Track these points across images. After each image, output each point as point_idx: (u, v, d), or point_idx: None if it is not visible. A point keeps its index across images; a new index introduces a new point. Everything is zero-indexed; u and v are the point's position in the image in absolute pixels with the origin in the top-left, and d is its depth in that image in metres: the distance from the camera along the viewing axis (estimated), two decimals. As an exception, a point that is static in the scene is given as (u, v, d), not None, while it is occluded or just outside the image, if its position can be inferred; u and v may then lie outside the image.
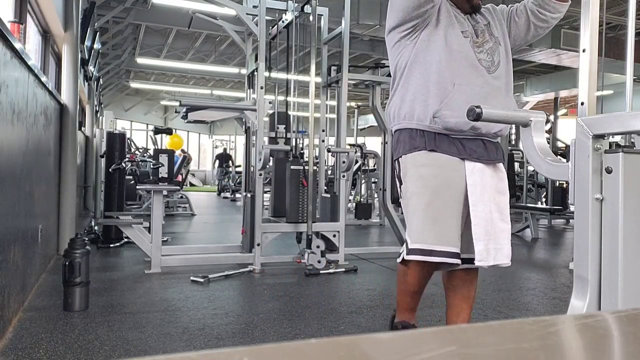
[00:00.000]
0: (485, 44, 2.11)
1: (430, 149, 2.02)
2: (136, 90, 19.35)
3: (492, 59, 2.11)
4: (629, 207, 1.16)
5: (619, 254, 1.17)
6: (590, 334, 0.44)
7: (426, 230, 1.97)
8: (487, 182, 2.00)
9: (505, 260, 1.97)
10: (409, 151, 2.06)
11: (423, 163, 2.03)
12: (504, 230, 1.99)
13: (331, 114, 6.01)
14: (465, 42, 2.07)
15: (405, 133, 2.09)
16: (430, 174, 2.01)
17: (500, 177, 2.06)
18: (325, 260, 4.19)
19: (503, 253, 1.97)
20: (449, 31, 2.06)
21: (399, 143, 2.11)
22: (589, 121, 1.23)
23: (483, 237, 1.93)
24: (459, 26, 2.09)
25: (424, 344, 0.39)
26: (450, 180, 2.00)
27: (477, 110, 1.52)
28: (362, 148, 8.20)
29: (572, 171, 1.27)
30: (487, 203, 1.97)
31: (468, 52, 2.05)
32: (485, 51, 2.10)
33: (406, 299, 2.17)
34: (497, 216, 1.98)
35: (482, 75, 2.06)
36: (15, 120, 2.62)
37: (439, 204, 1.98)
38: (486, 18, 2.20)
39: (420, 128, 2.04)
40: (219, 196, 14.53)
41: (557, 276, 4.24)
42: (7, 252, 2.47)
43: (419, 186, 2.02)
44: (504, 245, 1.97)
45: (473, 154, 2.02)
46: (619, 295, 1.17)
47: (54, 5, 4.34)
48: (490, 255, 1.94)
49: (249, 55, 5.15)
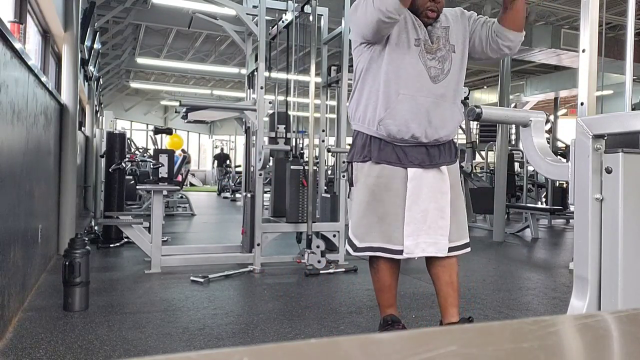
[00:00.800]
0: (438, 52, 2.22)
1: (376, 161, 2.25)
2: (136, 90, 19.36)
3: (443, 67, 2.23)
4: (629, 207, 1.16)
5: (619, 254, 1.17)
6: (590, 334, 0.44)
7: (373, 232, 2.26)
8: (426, 185, 2.22)
9: (439, 253, 2.22)
10: (360, 160, 2.30)
11: (369, 174, 2.27)
12: (442, 227, 2.23)
13: (331, 114, 6.01)
14: (414, 52, 2.19)
15: (359, 137, 2.32)
16: (375, 184, 2.25)
17: (442, 178, 2.26)
18: (325, 260, 4.19)
19: (438, 246, 2.22)
20: (401, 39, 2.18)
21: (354, 147, 2.35)
22: (589, 121, 1.23)
23: (411, 234, 2.20)
24: (413, 33, 2.19)
25: (424, 344, 0.39)
26: (393, 188, 2.23)
27: (477, 110, 1.53)
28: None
29: (572, 171, 1.27)
30: (424, 204, 2.21)
31: (416, 63, 2.18)
32: (437, 58, 2.22)
33: (384, 296, 2.40)
34: (437, 214, 2.22)
35: (426, 85, 2.19)
36: (15, 120, 2.62)
37: (383, 209, 2.24)
38: (448, 21, 2.28)
39: (369, 133, 2.27)
40: (219, 196, 14.53)
41: (557, 276, 4.24)
42: (7, 252, 2.47)
43: (366, 194, 2.27)
44: (439, 240, 2.23)
45: (414, 161, 2.23)
46: (619, 295, 1.17)
47: (54, 5, 4.35)
48: (418, 248, 2.21)
49: (249, 55, 5.15)
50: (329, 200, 4.68)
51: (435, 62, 2.21)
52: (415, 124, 2.17)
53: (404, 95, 2.17)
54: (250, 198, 4.40)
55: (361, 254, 2.32)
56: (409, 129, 2.18)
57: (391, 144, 2.24)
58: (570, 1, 8.89)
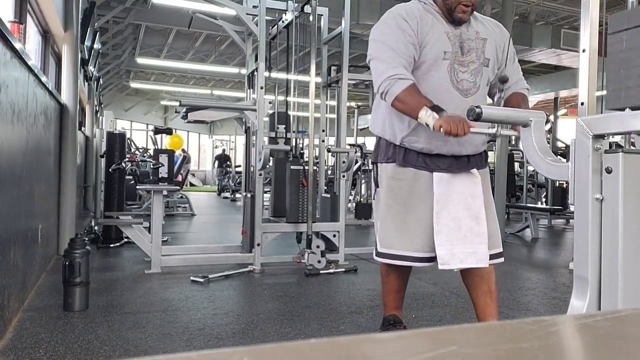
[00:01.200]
0: (471, 64, 2.09)
1: (399, 164, 2.15)
2: (136, 90, 19.35)
3: (475, 80, 2.10)
4: (629, 207, 1.16)
5: (619, 254, 1.17)
6: (590, 334, 0.44)
7: (393, 238, 2.16)
8: (456, 189, 2.07)
9: (479, 264, 2.03)
10: (384, 161, 2.21)
11: (393, 176, 2.17)
12: (479, 235, 2.04)
13: (331, 114, 6.01)
14: (443, 66, 2.06)
15: (383, 140, 2.23)
16: (399, 187, 2.15)
17: (473, 181, 2.11)
18: (325, 260, 4.19)
19: (477, 256, 2.03)
20: (428, 55, 2.05)
21: (379, 148, 2.26)
22: (589, 121, 1.23)
23: (445, 243, 2.03)
24: (442, 45, 2.06)
25: (424, 344, 0.39)
26: (417, 192, 2.12)
27: (476, 110, 1.52)
28: (362, 148, 8.21)
29: (572, 171, 1.27)
30: (455, 210, 2.04)
31: (443, 78, 2.06)
32: (469, 71, 2.09)
33: (391, 298, 2.37)
34: (471, 220, 2.05)
35: (455, 100, 2.06)
36: (15, 120, 2.62)
37: (405, 214, 2.14)
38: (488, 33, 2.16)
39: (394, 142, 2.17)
40: (219, 196, 14.53)
41: (557, 276, 4.24)
42: (7, 252, 2.47)
43: (389, 197, 2.18)
44: (478, 249, 2.03)
45: (441, 165, 2.11)
46: (619, 295, 1.17)
47: (54, 5, 4.34)
48: (455, 259, 2.02)
49: (249, 55, 5.15)
50: (329, 200, 4.68)
51: (468, 74, 2.08)
52: (440, 141, 2.06)
53: None
54: (250, 198, 4.40)
55: (380, 259, 2.23)
56: (434, 147, 2.09)
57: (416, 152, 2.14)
58: (570, 1, 8.89)
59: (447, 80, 2.06)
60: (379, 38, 2.08)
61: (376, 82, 2.03)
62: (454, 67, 2.07)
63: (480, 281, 2.19)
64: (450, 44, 2.07)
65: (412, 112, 1.93)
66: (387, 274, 2.32)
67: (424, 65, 2.07)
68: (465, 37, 2.10)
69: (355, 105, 11.92)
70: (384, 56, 2.02)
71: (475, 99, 2.08)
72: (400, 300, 2.39)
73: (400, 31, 2.03)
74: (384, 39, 2.05)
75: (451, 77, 2.06)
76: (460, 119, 1.81)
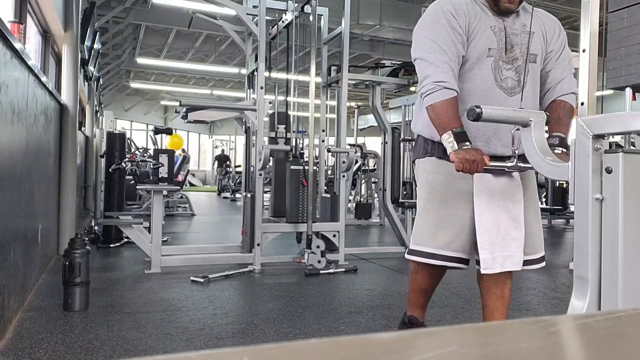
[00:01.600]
0: (515, 62, 1.98)
1: (439, 156, 2.02)
2: (136, 90, 19.36)
3: (520, 78, 1.99)
4: (629, 207, 1.16)
5: (619, 254, 1.17)
6: (590, 334, 0.43)
7: (429, 235, 2.03)
8: (497, 192, 1.96)
9: (515, 267, 1.97)
10: (422, 156, 2.11)
11: (431, 169, 2.07)
12: (516, 239, 1.96)
13: (331, 114, 6.01)
14: (487, 64, 1.95)
15: (421, 138, 2.14)
16: (437, 181, 2.04)
17: (514, 185, 1.99)
18: (325, 260, 4.19)
19: (513, 260, 1.96)
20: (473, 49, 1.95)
21: (417, 145, 2.17)
22: (589, 121, 1.23)
23: (488, 246, 1.94)
24: (486, 42, 1.95)
25: (424, 344, 0.39)
26: (456, 188, 2.00)
27: (476, 110, 1.52)
28: (362, 148, 8.21)
29: (572, 171, 1.27)
30: (495, 212, 1.95)
31: (487, 75, 1.96)
32: (514, 69, 1.98)
33: (416, 296, 2.24)
34: (510, 224, 1.96)
35: (500, 98, 1.96)
36: (15, 120, 2.62)
37: (443, 210, 2.01)
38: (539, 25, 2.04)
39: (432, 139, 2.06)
40: (219, 196, 14.53)
41: (557, 276, 4.24)
42: (7, 252, 2.47)
43: (426, 192, 2.07)
44: (514, 253, 1.96)
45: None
46: (619, 295, 1.17)
47: (54, 5, 4.35)
48: (496, 263, 1.95)
49: (249, 55, 5.15)
50: (329, 200, 4.68)
51: (512, 72, 1.97)
52: (482, 142, 1.96)
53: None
54: (250, 198, 4.40)
55: (413, 257, 2.09)
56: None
57: None
58: (570, 1, 8.90)
59: (491, 79, 1.96)
60: (428, 35, 1.96)
61: (421, 82, 1.95)
62: (498, 64, 1.96)
63: (495, 285, 2.11)
64: (496, 39, 1.96)
65: (439, 128, 1.88)
66: (415, 271, 2.19)
67: (467, 63, 1.97)
68: (510, 31, 1.98)
69: (355, 105, 11.92)
70: (432, 57, 1.92)
71: (522, 98, 1.97)
72: (424, 300, 2.26)
73: (450, 29, 1.93)
74: (433, 38, 1.94)
75: (495, 75, 1.96)
76: (475, 157, 1.76)
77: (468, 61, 1.96)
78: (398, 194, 5.27)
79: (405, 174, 6.05)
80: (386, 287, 3.78)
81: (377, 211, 8.18)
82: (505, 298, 2.12)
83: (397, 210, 5.52)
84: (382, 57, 9.87)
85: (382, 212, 6.96)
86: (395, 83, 5.03)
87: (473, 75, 1.97)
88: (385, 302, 3.31)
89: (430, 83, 1.89)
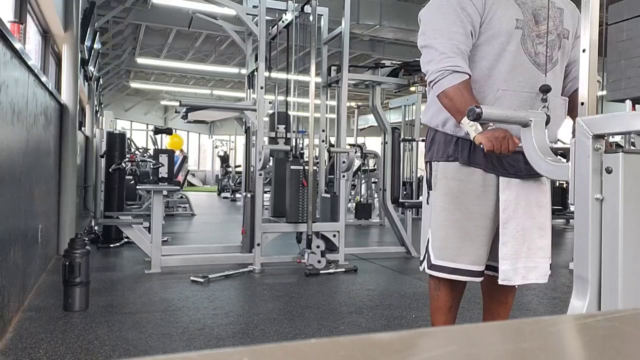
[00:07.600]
0: (548, 35, 1.81)
1: (463, 162, 1.84)
2: (136, 90, 19.35)
3: (552, 53, 1.83)
4: (629, 207, 1.16)
5: (619, 254, 1.17)
6: (590, 334, 0.43)
7: (454, 249, 1.86)
8: (524, 197, 1.83)
9: (540, 280, 1.85)
10: (442, 159, 1.89)
11: (454, 177, 1.86)
12: (542, 248, 1.85)
13: (331, 114, 6.01)
14: (516, 36, 1.78)
15: (440, 134, 1.91)
16: (461, 190, 1.85)
17: (541, 189, 1.87)
18: (325, 260, 4.19)
19: (538, 272, 1.85)
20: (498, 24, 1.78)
21: (434, 144, 1.93)
22: (589, 121, 1.23)
23: (510, 257, 1.82)
24: (512, 14, 1.78)
25: (424, 344, 0.39)
26: (481, 197, 1.84)
27: (476, 110, 1.50)
28: (362, 148, 8.21)
29: (572, 171, 1.27)
30: (521, 220, 1.82)
31: (517, 50, 1.79)
32: (544, 44, 1.80)
33: (440, 316, 1.98)
34: (536, 232, 1.84)
35: (533, 76, 1.79)
36: (15, 120, 2.62)
37: (467, 222, 1.85)
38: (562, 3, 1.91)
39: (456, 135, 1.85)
40: (219, 196, 14.53)
41: (557, 276, 4.24)
42: (7, 252, 2.47)
43: (448, 201, 1.87)
44: (539, 264, 1.84)
45: (510, 169, 1.82)
46: (619, 295, 1.17)
47: (54, 5, 4.35)
48: (518, 275, 1.83)
49: (249, 55, 5.15)
50: (329, 200, 4.68)
51: (543, 47, 1.80)
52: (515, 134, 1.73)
53: (504, 91, 1.77)
54: (250, 198, 4.40)
55: (435, 273, 1.89)
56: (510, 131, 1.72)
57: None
58: (570, 1, 8.87)
59: (522, 53, 1.79)
60: (433, 19, 1.82)
61: (427, 70, 1.80)
62: (531, 36, 1.80)
63: (499, 291, 2.02)
64: (522, 11, 1.79)
65: (456, 113, 1.71)
66: (437, 288, 1.96)
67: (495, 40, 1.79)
68: (539, 4, 1.82)
69: (355, 105, 11.92)
70: (437, 43, 1.76)
71: (554, 75, 1.84)
72: (452, 319, 2.00)
73: (459, 10, 1.77)
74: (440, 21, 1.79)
75: (526, 49, 1.80)
76: (505, 134, 1.62)
77: (495, 37, 1.79)
78: (398, 194, 5.27)
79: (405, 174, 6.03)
80: (386, 287, 3.78)
81: (377, 211, 8.18)
82: (508, 305, 2.05)
83: (397, 210, 5.52)
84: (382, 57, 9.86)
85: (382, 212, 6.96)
86: (395, 83, 5.03)
87: (502, 51, 1.79)
88: (385, 302, 3.31)
89: (437, 70, 1.75)
